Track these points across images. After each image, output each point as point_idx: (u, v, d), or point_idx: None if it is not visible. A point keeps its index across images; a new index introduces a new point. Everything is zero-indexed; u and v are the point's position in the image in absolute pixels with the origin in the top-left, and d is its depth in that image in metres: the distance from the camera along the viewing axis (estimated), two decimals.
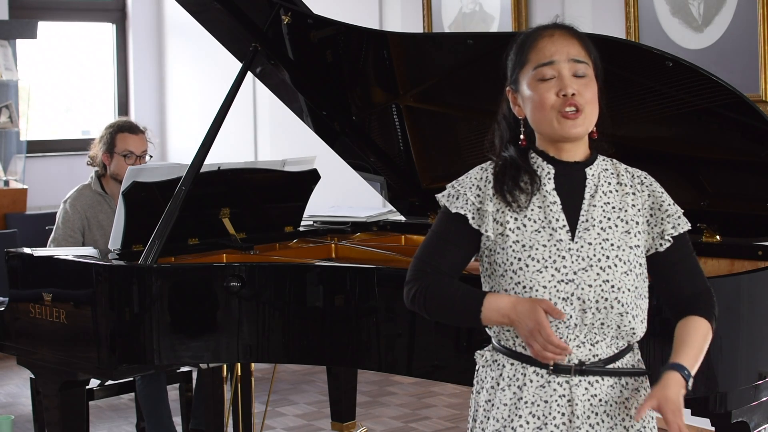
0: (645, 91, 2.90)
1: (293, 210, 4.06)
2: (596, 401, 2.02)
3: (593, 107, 2.03)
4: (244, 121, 7.14)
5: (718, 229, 3.15)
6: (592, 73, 2.04)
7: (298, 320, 3.18)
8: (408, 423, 4.92)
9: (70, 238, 4.10)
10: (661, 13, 4.53)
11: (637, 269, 2.04)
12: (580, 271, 2.00)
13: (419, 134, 3.74)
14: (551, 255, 2.00)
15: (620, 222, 2.05)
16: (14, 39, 7.07)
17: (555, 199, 2.04)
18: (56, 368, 3.39)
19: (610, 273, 2.00)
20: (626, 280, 2.01)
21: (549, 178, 2.06)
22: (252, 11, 3.67)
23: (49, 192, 7.01)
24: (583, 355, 2.01)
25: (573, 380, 2.01)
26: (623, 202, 2.06)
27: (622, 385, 2.05)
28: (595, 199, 2.05)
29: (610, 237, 2.03)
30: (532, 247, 2.01)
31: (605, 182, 2.08)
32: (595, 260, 2.00)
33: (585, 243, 2.02)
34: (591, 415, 2.02)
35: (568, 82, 1.99)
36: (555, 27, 2.07)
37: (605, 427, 2.03)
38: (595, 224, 2.04)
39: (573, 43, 2.03)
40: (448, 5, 5.55)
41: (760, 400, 2.77)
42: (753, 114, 2.73)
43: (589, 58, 2.04)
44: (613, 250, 2.02)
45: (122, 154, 4.16)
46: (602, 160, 2.10)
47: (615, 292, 2.00)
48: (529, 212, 2.04)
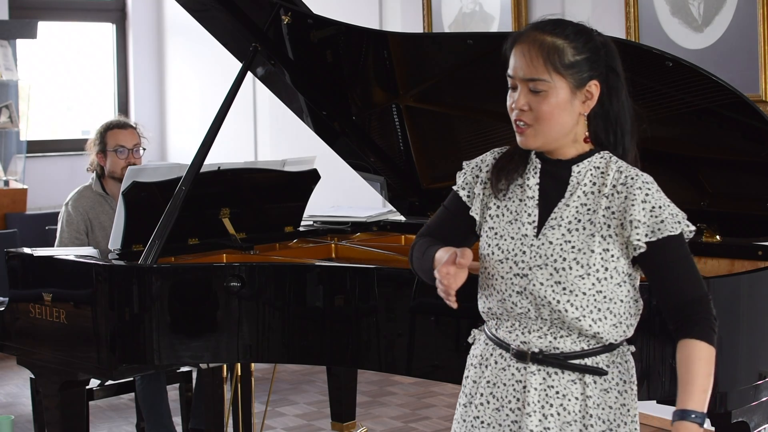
0: (645, 91, 2.90)
1: (293, 210, 4.06)
2: (552, 392, 2.05)
3: (548, 122, 2.02)
4: (244, 121, 7.14)
5: (718, 229, 3.15)
6: (553, 86, 2.00)
7: (298, 320, 3.18)
8: (408, 423, 4.92)
9: (76, 240, 4.10)
10: (661, 13, 4.53)
11: (600, 273, 2.01)
12: (535, 268, 2.03)
13: (419, 134, 3.75)
14: (514, 248, 2.06)
15: (588, 224, 2.03)
16: (14, 39, 7.07)
17: (533, 194, 2.09)
18: (56, 368, 3.39)
19: (563, 275, 2.01)
20: (581, 284, 2.00)
21: (535, 173, 2.10)
22: (252, 11, 3.67)
23: (49, 192, 7.01)
24: (544, 346, 2.05)
25: (530, 368, 2.05)
26: (597, 204, 2.04)
27: (584, 382, 2.05)
28: (572, 199, 2.06)
29: (573, 239, 2.02)
30: (502, 237, 2.09)
31: (589, 182, 2.06)
32: (551, 260, 2.02)
33: (546, 241, 2.04)
34: (545, 405, 2.04)
35: (519, 97, 2.03)
36: (529, 32, 2.05)
37: (561, 420, 2.04)
38: (562, 224, 2.04)
39: (532, 57, 2.01)
40: (448, 5, 5.55)
41: (760, 400, 2.77)
42: (753, 114, 2.73)
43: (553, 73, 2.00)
44: (573, 252, 2.01)
45: (114, 149, 4.16)
46: (598, 158, 2.07)
47: (567, 294, 2.01)
48: (510, 203, 2.11)
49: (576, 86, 2.02)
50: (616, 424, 2.06)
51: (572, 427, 2.04)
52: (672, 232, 2.00)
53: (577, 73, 2.02)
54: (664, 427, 4.67)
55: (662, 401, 2.79)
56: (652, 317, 2.62)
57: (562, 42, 2.02)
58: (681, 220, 2.03)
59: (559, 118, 2.02)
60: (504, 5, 5.20)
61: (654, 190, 2.03)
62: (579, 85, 2.02)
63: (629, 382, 2.09)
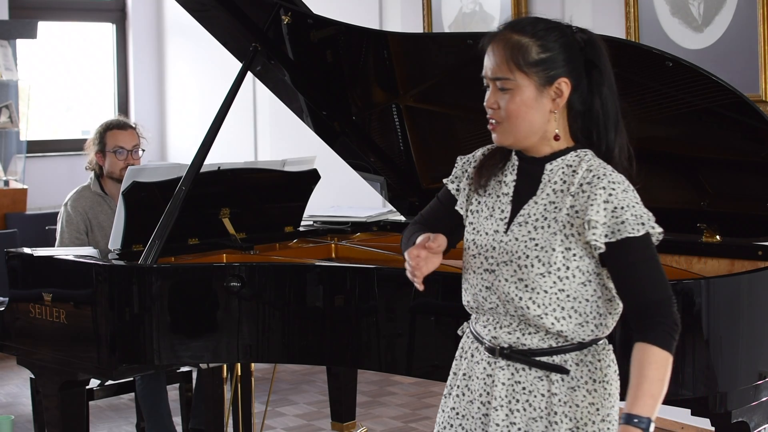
0: (645, 91, 2.90)
1: (293, 210, 4.06)
2: (519, 388, 2.06)
3: (516, 119, 2.04)
4: (244, 121, 7.14)
5: (718, 229, 3.15)
6: (518, 84, 2.02)
7: (298, 320, 3.18)
8: (408, 423, 4.92)
9: (76, 240, 4.10)
10: (661, 13, 4.53)
11: (562, 272, 2.01)
12: (502, 264, 2.05)
13: (419, 134, 3.75)
14: (486, 243, 2.10)
15: (553, 222, 2.03)
16: (14, 39, 7.07)
17: (509, 190, 2.12)
18: (56, 368, 3.39)
19: (525, 272, 2.02)
20: (542, 282, 2.01)
21: (513, 170, 2.13)
22: (252, 11, 3.67)
23: (49, 192, 7.01)
24: (512, 341, 2.07)
25: (499, 362, 2.08)
26: (563, 203, 2.04)
27: (550, 380, 2.05)
28: (541, 196, 2.07)
29: (537, 236, 2.03)
30: (479, 232, 2.13)
31: (559, 179, 2.06)
32: (515, 257, 2.04)
33: (513, 238, 2.06)
34: (512, 401, 2.07)
35: (489, 95, 2.07)
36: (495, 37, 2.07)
37: (527, 416, 2.05)
38: (529, 221, 2.06)
39: (498, 58, 2.04)
40: (448, 5, 5.55)
41: (760, 400, 2.77)
42: (753, 114, 2.73)
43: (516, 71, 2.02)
44: (536, 250, 2.02)
45: (113, 150, 4.16)
46: (573, 156, 2.07)
47: (529, 292, 2.02)
48: (488, 199, 2.14)
49: (542, 84, 2.03)
50: (583, 423, 2.04)
51: (538, 423, 2.05)
52: (632, 233, 1.97)
53: (543, 71, 2.02)
54: (664, 427, 4.68)
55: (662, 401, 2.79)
56: None
57: (527, 40, 2.03)
58: (645, 222, 1.99)
59: (527, 116, 2.04)
60: (504, 5, 5.20)
61: (620, 190, 2.00)
62: (545, 83, 2.03)
63: (601, 381, 2.06)
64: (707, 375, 2.64)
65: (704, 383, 2.64)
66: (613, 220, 1.98)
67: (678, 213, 3.20)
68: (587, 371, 2.05)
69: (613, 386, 2.08)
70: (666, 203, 3.22)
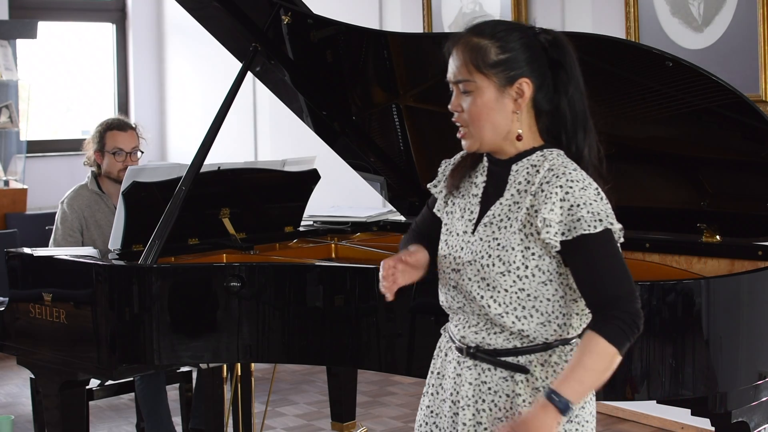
0: (645, 91, 2.90)
1: (293, 210, 4.06)
2: (485, 388, 2.08)
3: (478, 122, 2.05)
4: (244, 121, 7.14)
5: (718, 229, 3.15)
6: (478, 86, 2.04)
7: (298, 320, 3.18)
8: (408, 423, 4.92)
9: (69, 238, 4.10)
10: (661, 13, 4.53)
11: (521, 271, 2.01)
12: (466, 264, 2.08)
13: (419, 134, 3.75)
14: (455, 244, 2.13)
15: (514, 222, 2.04)
16: (14, 39, 7.07)
17: (478, 191, 2.14)
18: (56, 368, 3.39)
19: (487, 271, 2.03)
20: (502, 281, 2.02)
21: (483, 172, 2.16)
22: (252, 11, 3.67)
23: (49, 192, 7.01)
24: (478, 341, 2.08)
25: (467, 362, 2.10)
26: (523, 202, 2.05)
27: (515, 380, 2.05)
28: (506, 197, 2.08)
29: (500, 236, 2.05)
30: (450, 232, 2.16)
31: (523, 180, 2.07)
32: (479, 256, 2.05)
33: (478, 238, 2.08)
34: (479, 401, 2.08)
35: (453, 100, 2.09)
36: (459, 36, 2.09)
37: (492, 416, 2.06)
38: (494, 221, 2.08)
39: (458, 62, 2.06)
40: (448, 5, 5.55)
41: (760, 400, 2.77)
42: (753, 114, 2.73)
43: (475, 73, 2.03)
44: (497, 249, 2.04)
45: (112, 151, 4.16)
46: (538, 156, 2.07)
47: (490, 291, 2.03)
48: (461, 200, 2.17)
49: (502, 85, 2.03)
50: None
51: (503, 423, 2.05)
52: (588, 230, 1.96)
53: (503, 72, 2.03)
54: (664, 427, 4.68)
55: (662, 401, 2.80)
56: (652, 317, 2.62)
57: (486, 42, 2.04)
58: (603, 219, 1.97)
59: (489, 118, 2.05)
60: (504, 5, 5.20)
61: (577, 188, 1.98)
62: (506, 84, 2.03)
63: None
64: (707, 375, 2.64)
65: (704, 383, 2.64)
66: (568, 218, 1.98)
67: (678, 213, 3.20)
68: (552, 372, 2.04)
69: None
70: (666, 203, 3.23)
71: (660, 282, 2.66)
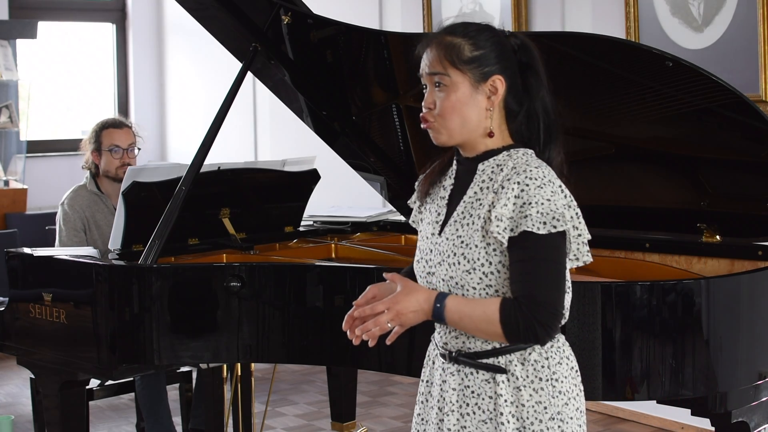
0: (645, 91, 2.90)
1: (293, 210, 4.06)
2: (468, 392, 2.08)
3: (450, 116, 2.08)
4: (244, 121, 7.14)
5: (718, 229, 3.15)
6: (453, 81, 2.07)
7: (298, 320, 3.18)
8: (408, 423, 4.92)
9: (75, 238, 4.09)
10: (661, 13, 4.53)
11: (486, 268, 2.02)
12: (437, 265, 2.09)
13: (419, 134, 3.74)
14: (425, 248, 2.16)
15: (477, 219, 2.05)
16: (14, 39, 7.07)
17: (445, 194, 2.16)
18: (56, 368, 3.39)
19: (453, 269, 2.05)
20: (468, 279, 2.03)
21: (452, 175, 2.18)
22: (252, 11, 3.67)
23: (49, 192, 7.01)
24: (459, 346, 2.10)
25: (450, 368, 2.11)
26: (486, 199, 2.06)
27: (496, 381, 2.05)
28: (468, 194, 2.10)
29: (463, 234, 2.06)
30: (422, 238, 2.19)
31: (487, 178, 2.08)
32: (446, 256, 2.07)
33: (444, 238, 2.10)
34: (463, 405, 2.09)
35: (427, 95, 2.13)
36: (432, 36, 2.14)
37: (476, 419, 2.07)
38: (457, 220, 2.09)
39: (434, 56, 2.10)
40: (448, 5, 5.55)
41: (760, 400, 2.77)
42: (753, 114, 2.73)
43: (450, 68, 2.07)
44: (461, 247, 2.05)
45: (108, 149, 4.16)
46: (504, 155, 2.08)
47: (459, 289, 2.05)
48: (432, 205, 2.19)
49: (477, 81, 2.07)
50: (530, 422, 2.03)
51: (487, 425, 2.06)
52: (531, 228, 1.96)
53: (477, 68, 2.06)
54: (664, 427, 4.68)
55: (662, 401, 2.80)
56: (651, 317, 2.62)
57: (459, 40, 2.09)
58: (549, 221, 1.97)
59: (462, 112, 2.07)
60: (504, 5, 5.20)
61: (534, 186, 1.98)
62: (480, 80, 2.07)
63: (548, 379, 2.04)
64: (707, 375, 2.64)
65: (704, 383, 2.64)
66: (518, 215, 1.98)
67: (678, 213, 3.20)
68: (533, 370, 2.05)
69: (565, 383, 2.06)
70: (666, 203, 3.23)
71: (660, 282, 2.66)
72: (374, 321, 2.06)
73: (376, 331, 2.06)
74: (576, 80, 2.96)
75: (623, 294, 2.61)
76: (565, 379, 2.06)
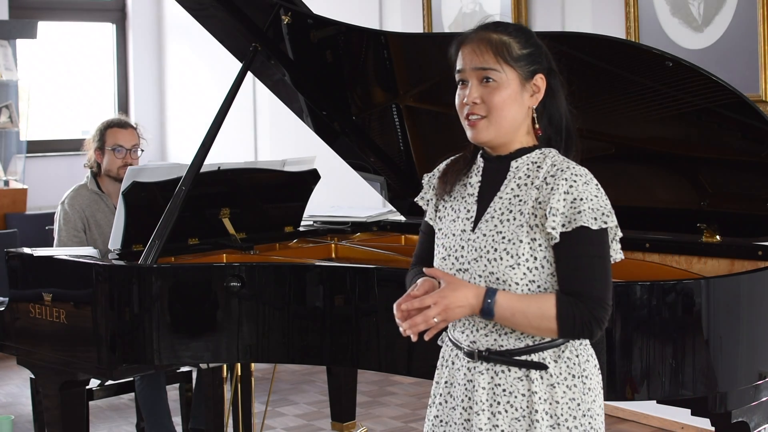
0: (645, 91, 2.90)
1: (293, 210, 4.06)
2: (499, 390, 2.07)
3: (500, 112, 2.07)
4: (244, 121, 7.14)
5: (718, 229, 3.15)
6: (505, 78, 2.07)
7: (298, 320, 3.18)
8: (408, 423, 4.92)
9: (74, 238, 4.09)
10: (661, 13, 4.53)
11: (530, 263, 2.03)
12: (473, 262, 2.07)
13: (419, 134, 3.75)
14: (454, 244, 2.12)
15: (519, 215, 2.06)
16: (14, 39, 7.07)
17: (474, 191, 2.15)
18: (56, 368, 3.39)
19: (495, 265, 2.04)
20: (512, 274, 2.03)
21: (478, 171, 2.17)
22: (252, 11, 3.67)
23: (49, 192, 7.01)
24: (490, 344, 2.08)
25: (479, 367, 2.08)
26: (527, 196, 2.07)
27: (530, 379, 2.05)
28: (505, 192, 2.10)
29: (504, 230, 2.06)
30: (446, 235, 2.16)
31: (524, 175, 2.09)
32: (485, 252, 2.06)
33: (481, 234, 2.08)
34: (493, 404, 2.07)
35: (471, 90, 2.09)
36: (476, 32, 2.12)
37: (509, 417, 2.06)
38: (495, 216, 2.08)
39: (482, 51, 2.08)
40: (448, 5, 5.55)
41: (760, 400, 2.77)
42: (753, 114, 2.74)
43: (504, 65, 2.07)
44: (503, 243, 2.04)
45: (112, 148, 4.16)
46: (537, 153, 2.11)
47: (501, 284, 2.03)
48: (454, 202, 2.18)
49: (525, 78, 2.08)
50: (564, 419, 2.04)
51: (521, 422, 2.05)
52: (586, 224, 1.99)
53: (525, 66, 2.08)
54: (664, 427, 4.68)
55: (662, 401, 2.80)
56: (651, 317, 2.62)
57: (507, 38, 2.09)
58: (599, 217, 2.01)
59: (511, 110, 2.08)
60: (504, 5, 5.20)
61: (581, 183, 2.02)
62: (527, 77, 2.09)
63: (579, 376, 2.07)
64: (707, 375, 2.64)
65: (704, 383, 2.64)
66: (570, 210, 2.01)
67: (678, 213, 3.20)
68: (566, 367, 2.06)
69: (593, 380, 2.09)
70: (666, 203, 3.23)
71: (660, 282, 2.66)
72: (423, 315, 2.02)
73: (422, 326, 2.03)
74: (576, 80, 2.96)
75: (623, 294, 2.61)
76: (593, 377, 2.09)
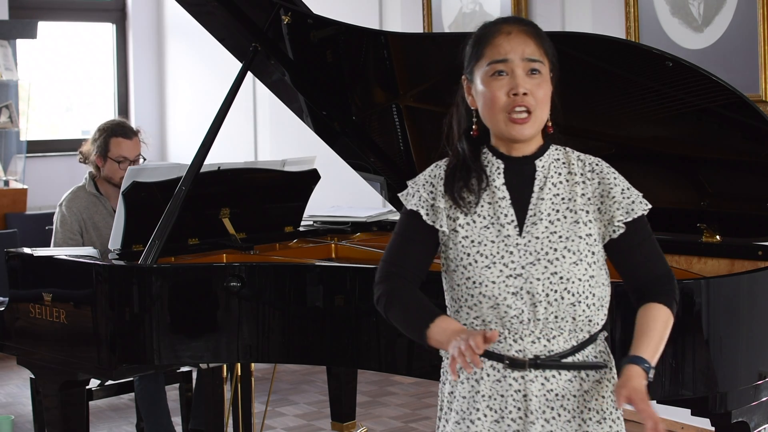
0: (645, 91, 2.90)
1: (293, 210, 4.06)
2: (552, 396, 2.04)
3: (544, 107, 2.04)
4: (244, 121, 7.14)
5: (718, 229, 3.15)
6: (547, 72, 2.04)
7: (298, 320, 3.18)
8: (408, 423, 4.92)
9: (70, 240, 4.09)
10: (661, 13, 4.53)
11: (589, 258, 2.03)
12: (528, 266, 2.02)
13: (419, 134, 3.75)
14: (499, 251, 2.03)
15: (569, 213, 2.05)
16: (14, 39, 7.07)
17: (504, 194, 2.07)
18: (56, 368, 3.39)
19: (558, 265, 2.01)
20: (575, 270, 2.02)
21: (499, 173, 2.08)
22: (252, 11, 3.67)
23: (49, 192, 7.01)
24: (538, 350, 2.03)
25: (528, 375, 2.04)
26: (572, 192, 2.06)
27: (581, 378, 2.05)
28: (544, 192, 2.07)
29: (558, 229, 2.04)
30: (481, 243, 2.05)
31: (555, 173, 2.08)
32: (543, 254, 2.02)
33: (532, 237, 2.04)
34: (546, 410, 2.04)
35: (521, 81, 2.00)
36: (514, 23, 2.08)
37: (561, 420, 2.04)
38: (543, 217, 2.05)
39: (529, 42, 2.03)
40: (448, 5, 5.55)
41: (760, 400, 2.77)
42: (753, 114, 2.73)
43: (546, 58, 2.05)
44: (561, 241, 2.03)
45: (116, 160, 4.13)
46: (554, 150, 2.10)
47: (564, 282, 2.01)
48: (479, 208, 2.07)
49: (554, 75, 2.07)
50: (609, 412, 2.06)
51: (571, 423, 2.04)
52: (643, 211, 2.07)
53: (553, 62, 2.08)
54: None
55: (662, 401, 2.79)
56: None
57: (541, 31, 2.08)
58: (642, 201, 2.08)
59: (548, 106, 2.06)
60: (504, 5, 5.20)
61: (612, 173, 2.09)
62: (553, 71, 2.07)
63: (611, 369, 2.10)
64: (707, 375, 2.64)
65: (704, 383, 2.64)
66: (625, 201, 2.06)
67: (678, 213, 3.20)
68: (602, 361, 2.09)
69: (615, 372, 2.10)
70: (666, 203, 3.23)
71: None
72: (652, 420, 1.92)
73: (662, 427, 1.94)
74: (576, 80, 2.96)
75: (623, 294, 2.60)
76: (614, 368, 2.11)
